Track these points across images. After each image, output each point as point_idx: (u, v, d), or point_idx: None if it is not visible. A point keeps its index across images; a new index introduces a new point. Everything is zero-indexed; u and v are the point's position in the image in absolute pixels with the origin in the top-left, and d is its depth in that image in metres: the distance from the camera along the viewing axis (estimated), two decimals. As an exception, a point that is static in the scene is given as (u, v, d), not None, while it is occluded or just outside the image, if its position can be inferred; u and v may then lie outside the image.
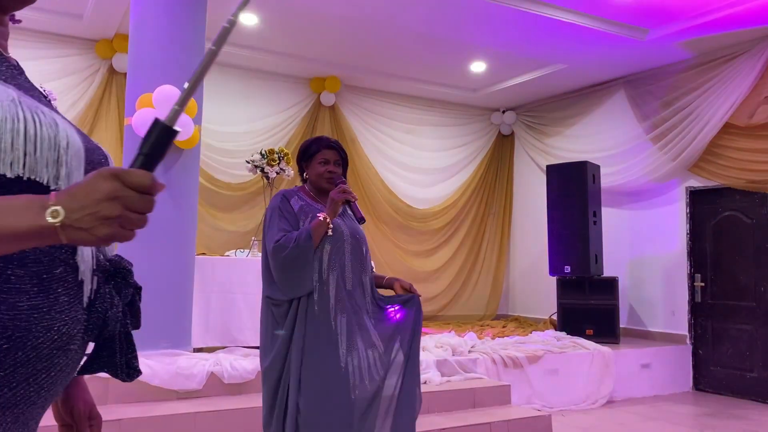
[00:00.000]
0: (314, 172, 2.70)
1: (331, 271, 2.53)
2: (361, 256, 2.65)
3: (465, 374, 4.99)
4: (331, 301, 2.51)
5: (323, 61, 7.25)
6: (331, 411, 2.41)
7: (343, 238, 2.60)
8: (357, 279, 2.61)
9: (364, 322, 2.57)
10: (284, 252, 2.49)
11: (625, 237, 7.33)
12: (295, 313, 2.50)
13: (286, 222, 2.58)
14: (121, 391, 3.90)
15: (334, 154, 2.71)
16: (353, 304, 2.56)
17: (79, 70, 6.53)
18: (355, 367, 2.47)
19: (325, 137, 2.82)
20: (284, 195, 2.65)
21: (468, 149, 8.84)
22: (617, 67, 7.11)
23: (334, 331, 2.48)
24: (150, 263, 4.35)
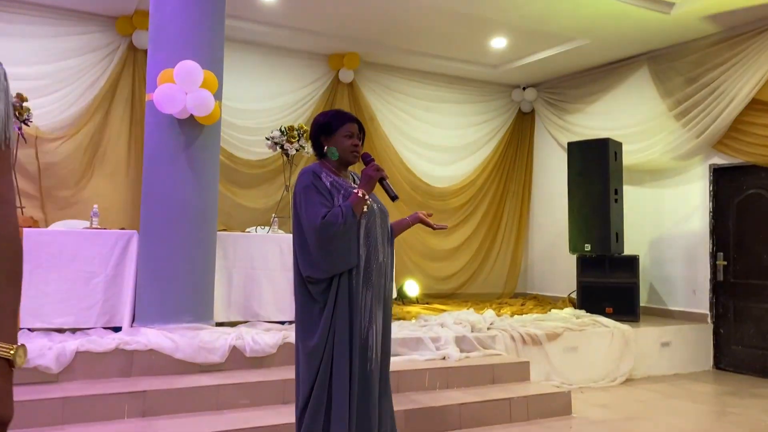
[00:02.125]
0: (339, 145, 2.68)
1: (365, 246, 2.60)
2: (387, 230, 2.74)
3: (484, 351, 5.01)
4: (361, 275, 2.58)
5: (342, 37, 7.20)
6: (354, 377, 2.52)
7: (375, 212, 2.66)
8: (385, 251, 2.69)
9: (384, 297, 2.66)
10: (333, 229, 2.49)
11: (646, 215, 7.26)
12: (336, 289, 2.53)
13: (324, 198, 2.57)
14: (145, 365, 3.97)
15: (357, 128, 2.72)
16: (380, 278, 2.63)
17: (99, 47, 6.55)
18: (372, 340, 2.58)
19: (343, 110, 2.81)
20: (314, 171, 2.63)
21: (488, 127, 8.77)
22: (641, 43, 6.98)
23: (360, 305, 2.56)
24: (172, 239, 4.40)
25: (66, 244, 4.40)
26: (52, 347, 3.77)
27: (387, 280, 2.71)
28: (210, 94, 4.30)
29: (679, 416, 4.68)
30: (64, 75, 6.36)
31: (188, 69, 4.16)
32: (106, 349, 3.89)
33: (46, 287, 4.29)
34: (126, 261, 4.54)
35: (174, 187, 4.42)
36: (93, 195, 6.32)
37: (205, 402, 3.78)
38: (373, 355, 2.57)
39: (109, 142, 6.60)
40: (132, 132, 6.69)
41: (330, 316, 2.53)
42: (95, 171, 6.52)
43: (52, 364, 3.70)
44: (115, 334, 4.21)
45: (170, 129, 4.42)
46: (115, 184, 6.62)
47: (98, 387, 3.67)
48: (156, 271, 4.41)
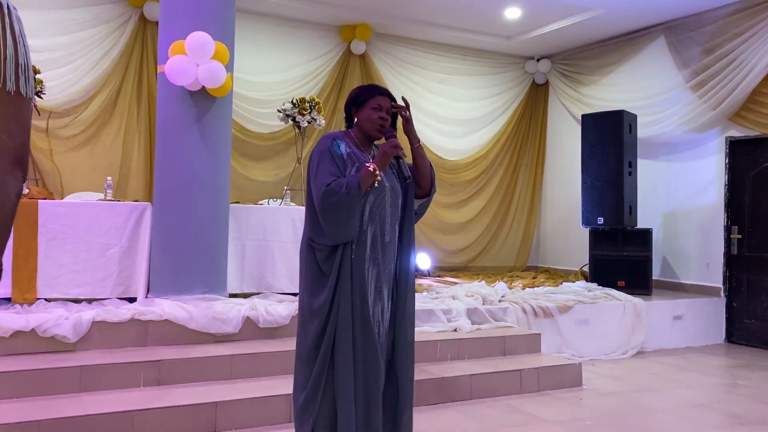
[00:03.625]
0: (366, 117, 2.64)
1: (371, 223, 2.55)
2: (397, 208, 2.66)
3: (495, 323, 5.03)
4: (367, 252, 2.54)
5: (353, 8, 7.12)
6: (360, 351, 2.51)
7: (385, 190, 2.59)
8: (394, 230, 2.63)
9: (391, 274, 2.61)
10: (334, 198, 2.47)
11: (660, 188, 7.20)
12: (340, 260, 2.52)
13: (336, 167, 2.55)
14: (160, 335, 4.03)
15: (387, 102, 2.66)
16: (387, 256, 2.59)
17: (111, 18, 6.53)
18: (377, 316, 2.55)
19: (378, 85, 2.78)
20: (334, 138, 2.62)
21: (501, 99, 8.69)
22: (657, 13, 6.85)
23: (366, 281, 2.53)
24: (186, 211, 4.43)
25: (81, 216, 4.44)
26: (69, 317, 3.83)
27: (399, 261, 2.65)
28: (221, 66, 4.28)
29: (690, 388, 4.70)
30: (77, 47, 6.35)
31: (200, 40, 4.14)
32: (121, 319, 3.95)
33: (62, 258, 4.35)
34: (140, 233, 4.58)
35: (186, 159, 4.43)
36: (105, 167, 6.35)
37: (219, 371, 3.83)
38: (379, 330, 2.55)
39: (121, 113, 6.61)
40: (143, 104, 6.69)
41: (333, 287, 2.53)
42: (107, 143, 6.54)
43: (70, 333, 3.76)
44: (131, 304, 4.27)
45: (182, 101, 4.41)
46: (127, 155, 6.65)
47: (114, 356, 3.73)
48: (170, 242, 4.45)
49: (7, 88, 1.00)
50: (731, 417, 4.04)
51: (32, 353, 3.70)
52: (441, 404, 4.03)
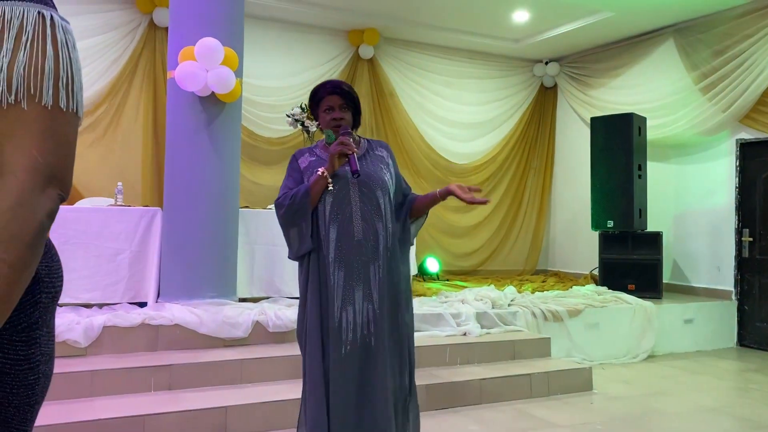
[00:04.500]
0: (322, 121, 2.57)
1: (332, 223, 2.44)
2: (374, 202, 2.49)
3: (505, 327, 5.02)
4: (330, 254, 2.44)
5: (361, 12, 7.14)
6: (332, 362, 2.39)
7: (349, 186, 2.46)
8: (369, 227, 2.47)
9: (368, 275, 2.44)
10: (281, 211, 2.47)
11: (670, 191, 7.17)
12: (307, 269, 2.49)
13: (292, 180, 2.53)
14: (170, 339, 4.05)
15: (338, 99, 2.52)
16: (360, 256, 2.44)
17: (120, 24, 6.58)
18: (349, 322, 2.40)
19: (330, 81, 2.61)
20: (294, 155, 2.61)
21: (509, 102, 8.68)
22: (666, 15, 6.82)
23: (332, 285, 2.42)
24: (195, 215, 4.45)
25: (92, 221, 4.47)
26: (80, 322, 3.85)
27: (377, 259, 2.46)
28: (231, 72, 4.30)
29: (701, 392, 4.66)
30: (87, 53, 6.39)
31: (209, 46, 4.16)
32: (132, 323, 3.97)
33: (73, 263, 4.37)
34: (150, 238, 4.61)
35: (196, 165, 4.45)
36: (115, 172, 6.39)
37: (229, 376, 3.84)
38: (348, 337, 2.39)
39: (131, 119, 6.65)
40: (153, 109, 6.73)
41: (304, 297, 2.50)
42: (116, 148, 6.58)
43: (81, 338, 3.78)
44: (141, 309, 4.29)
45: (192, 106, 4.44)
46: (137, 161, 6.68)
47: (125, 361, 3.75)
48: (180, 247, 4.47)
49: (43, 102, 0.96)
50: (743, 421, 4.01)
51: (44, 358, 3.72)
52: (450, 408, 4.03)
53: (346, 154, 2.41)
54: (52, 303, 1.08)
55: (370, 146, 2.64)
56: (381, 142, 2.72)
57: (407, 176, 7.89)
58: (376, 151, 2.64)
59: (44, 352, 1.05)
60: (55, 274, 1.09)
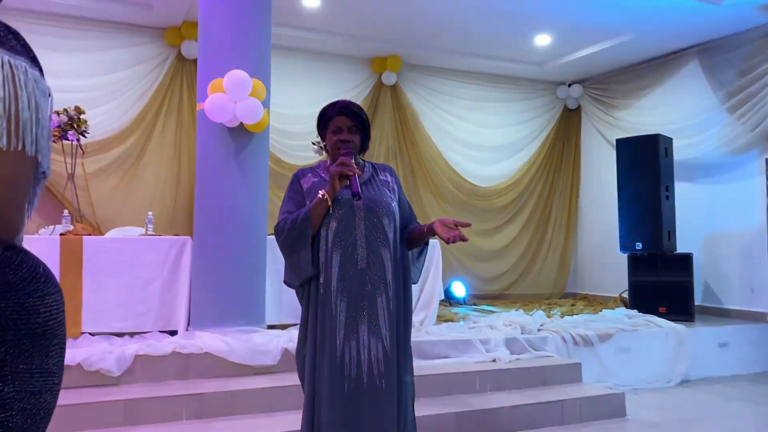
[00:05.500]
0: (329, 142, 2.47)
1: (335, 251, 2.32)
2: (380, 230, 2.36)
3: (535, 352, 4.96)
4: (333, 283, 2.31)
5: (384, 40, 7.24)
6: (329, 400, 2.27)
7: (353, 212, 2.34)
8: (375, 256, 2.34)
9: (374, 307, 2.31)
10: (281, 235, 2.36)
11: (699, 212, 7.07)
12: (307, 296, 2.39)
13: (293, 203, 2.43)
14: (201, 367, 4.07)
15: (346, 121, 2.42)
16: (365, 286, 2.31)
17: (149, 58, 6.75)
18: (353, 357, 2.26)
19: (339, 101, 2.50)
20: (296, 175, 2.51)
21: (533, 125, 8.68)
22: (690, 36, 6.80)
23: (334, 316, 2.29)
24: (225, 244, 4.51)
25: (123, 251, 4.55)
26: (113, 351, 3.90)
27: (382, 289, 2.33)
28: (259, 102, 4.38)
29: (739, 419, 4.55)
30: (117, 86, 6.57)
31: (237, 78, 4.25)
32: (163, 352, 4.01)
33: (105, 293, 4.45)
34: (180, 266, 4.67)
35: (225, 194, 4.52)
36: (145, 202, 6.50)
37: (259, 404, 3.85)
38: (351, 374, 2.25)
39: (159, 149, 6.78)
40: (180, 139, 6.86)
41: (305, 326, 2.38)
42: (146, 178, 6.71)
43: (114, 367, 3.82)
44: (172, 337, 4.33)
45: (221, 137, 4.52)
46: (165, 190, 6.80)
47: (157, 389, 3.78)
48: (209, 275, 4.52)
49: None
50: (785, 449, 3.90)
51: (77, 387, 3.77)
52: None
53: (347, 176, 2.29)
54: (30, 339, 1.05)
55: (375, 171, 2.54)
56: (385, 166, 2.62)
57: (432, 200, 7.92)
58: (380, 176, 2.53)
59: (21, 389, 1.03)
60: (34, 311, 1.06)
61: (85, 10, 6.26)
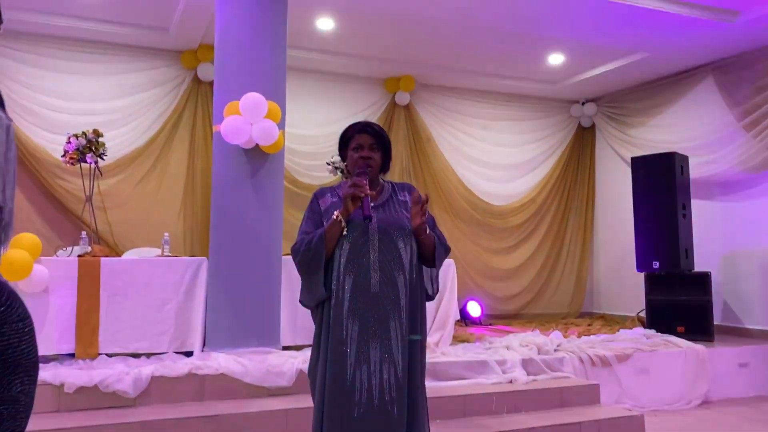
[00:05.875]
0: (350, 160, 2.47)
1: (347, 273, 2.30)
2: (395, 252, 2.34)
3: (552, 373, 4.91)
4: (344, 306, 2.28)
5: (397, 61, 7.29)
6: (338, 423, 2.25)
7: (367, 234, 2.32)
8: (388, 280, 2.31)
9: (387, 332, 2.28)
10: (297, 256, 2.36)
11: (717, 230, 7.00)
12: (320, 317, 2.37)
13: (311, 224, 2.42)
14: (217, 389, 4.07)
15: (368, 138, 2.44)
16: (377, 309, 2.28)
17: (166, 80, 6.85)
18: (363, 382, 2.23)
19: (361, 121, 2.54)
20: (315, 194, 2.52)
21: (547, 143, 8.67)
22: (705, 53, 6.79)
23: (345, 340, 2.26)
24: (240, 265, 4.53)
25: (140, 272, 4.58)
26: (129, 372, 3.91)
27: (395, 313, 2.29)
28: (274, 124, 4.42)
29: (762, 442, 4.46)
30: (134, 108, 6.67)
31: (253, 101, 4.30)
32: (179, 373, 4.01)
33: (122, 314, 4.47)
34: (196, 287, 4.69)
35: (241, 214, 4.55)
36: (161, 222, 6.56)
37: (274, 425, 3.83)
38: (362, 399, 2.22)
39: (175, 170, 6.85)
40: (195, 160, 6.93)
41: (317, 347, 2.36)
42: (161, 199, 6.77)
43: (130, 388, 3.83)
44: (188, 358, 4.34)
45: (236, 158, 4.56)
46: (181, 211, 6.85)
47: (173, 411, 3.78)
48: (225, 296, 4.54)
49: None
50: (810, 473, 3.81)
51: (95, 409, 3.78)
52: (499, 459, 3.93)
53: (359, 197, 2.29)
54: None
55: (394, 191, 2.51)
56: (405, 185, 2.59)
57: (446, 219, 7.90)
58: (399, 196, 2.50)
59: None
60: None
61: (105, 34, 6.38)
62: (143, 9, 5.94)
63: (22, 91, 6.28)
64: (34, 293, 4.25)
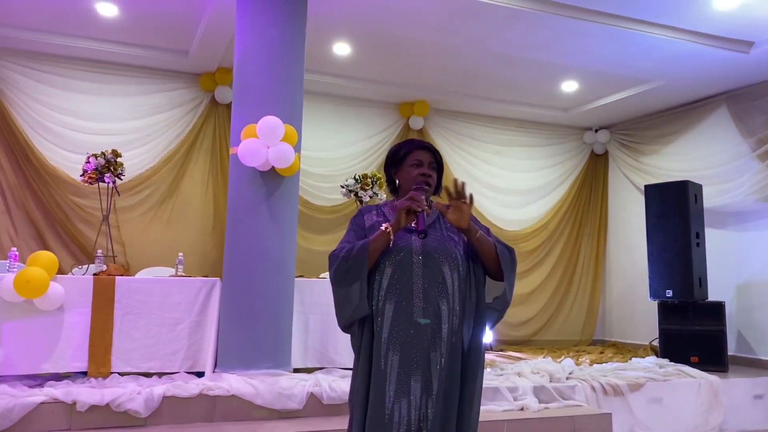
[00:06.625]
0: (407, 176, 2.31)
1: (388, 299, 2.17)
2: (440, 279, 2.18)
3: (563, 401, 4.86)
4: (384, 334, 2.15)
5: (412, 86, 7.37)
6: None
7: (411, 258, 2.18)
8: (433, 308, 2.16)
9: (428, 364, 2.14)
10: (334, 263, 2.19)
11: (731, 260, 6.95)
12: (359, 345, 2.21)
13: (354, 235, 2.29)
14: (227, 410, 4.07)
15: (429, 156, 2.33)
16: (419, 340, 2.14)
17: (184, 102, 6.95)
18: (403, 416, 2.10)
19: (415, 139, 2.44)
20: (361, 210, 2.39)
21: (560, 169, 8.68)
22: (719, 83, 6.81)
23: (384, 370, 2.13)
24: (253, 286, 4.55)
25: (154, 292, 4.61)
26: (141, 392, 3.92)
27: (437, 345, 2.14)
28: (290, 147, 4.47)
29: (777, 476, 4.38)
30: (152, 129, 6.77)
31: (271, 124, 4.35)
32: (191, 394, 4.02)
33: (135, 333, 4.50)
34: (209, 307, 4.71)
35: (256, 236, 4.59)
36: (175, 242, 6.61)
37: (284, 449, 3.82)
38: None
39: (190, 191, 6.92)
40: (211, 182, 7.00)
41: (356, 375, 2.21)
42: (176, 219, 6.83)
43: (141, 408, 3.84)
44: (199, 379, 4.34)
45: (253, 181, 4.61)
46: (195, 232, 6.91)
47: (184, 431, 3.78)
48: (237, 317, 4.55)
49: None
50: None
51: (106, 428, 3.79)
52: (510, 488, 3.88)
53: (415, 211, 2.15)
54: None
55: (441, 213, 2.35)
56: None
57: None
58: (445, 220, 2.34)
59: None
60: None
61: (126, 56, 6.50)
62: (164, 32, 6.06)
63: (43, 110, 6.40)
64: (49, 311, 4.30)
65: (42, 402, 3.72)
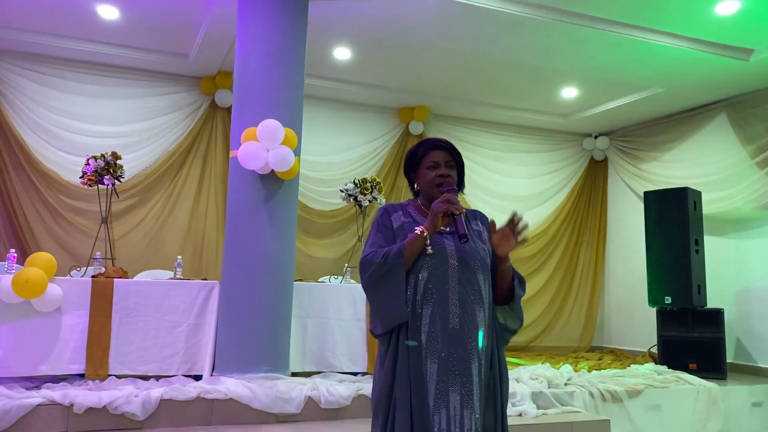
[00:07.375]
0: (424, 179, 2.24)
1: (425, 304, 2.07)
2: (475, 286, 2.11)
3: (562, 407, 4.85)
4: (422, 340, 2.06)
5: (412, 91, 7.38)
6: None
7: (447, 263, 2.10)
8: (469, 316, 2.08)
9: (467, 374, 2.05)
10: (369, 270, 2.10)
11: (730, 267, 6.95)
12: (395, 349, 2.10)
13: (382, 237, 2.19)
14: (225, 413, 4.06)
15: (445, 155, 2.25)
16: (457, 348, 2.05)
17: (185, 105, 6.96)
18: (443, 428, 2.01)
19: (431, 138, 2.34)
20: (386, 209, 2.28)
21: (559, 175, 8.69)
22: (719, 90, 6.82)
23: (424, 378, 2.04)
24: (252, 289, 4.54)
25: (152, 295, 4.60)
26: (139, 394, 3.91)
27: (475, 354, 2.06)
28: (290, 151, 4.47)
29: (776, 484, 4.37)
30: (152, 132, 6.78)
31: (271, 128, 4.36)
32: (188, 397, 4.01)
33: (132, 335, 4.49)
34: (207, 311, 4.70)
35: (255, 239, 4.58)
36: (173, 245, 6.60)
37: (281, 453, 3.81)
38: None
39: (188, 194, 6.92)
40: (210, 184, 7.00)
41: (391, 381, 2.09)
42: (175, 222, 6.83)
43: (138, 411, 3.83)
44: (197, 382, 4.33)
45: (252, 184, 4.61)
46: (194, 235, 6.90)
47: (181, 435, 3.77)
48: (236, 320, 4.54)
49: None
50: None
51: (103, 430, 3.77)
52: (507, 494, 3.87)
53: (452, 214, 2.09)
54: None
55: (467, 218, 2.27)
56: (477, 213, 2.37)
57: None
58: (472, 225, 2.28)
59: None
60: None
61: (127, 59, 6.51)
62: (164, 35, 6.07)
63: (43, 112, 6.40)
64: (47, 313, 4.29)
65: (39, 404, 3.71)
